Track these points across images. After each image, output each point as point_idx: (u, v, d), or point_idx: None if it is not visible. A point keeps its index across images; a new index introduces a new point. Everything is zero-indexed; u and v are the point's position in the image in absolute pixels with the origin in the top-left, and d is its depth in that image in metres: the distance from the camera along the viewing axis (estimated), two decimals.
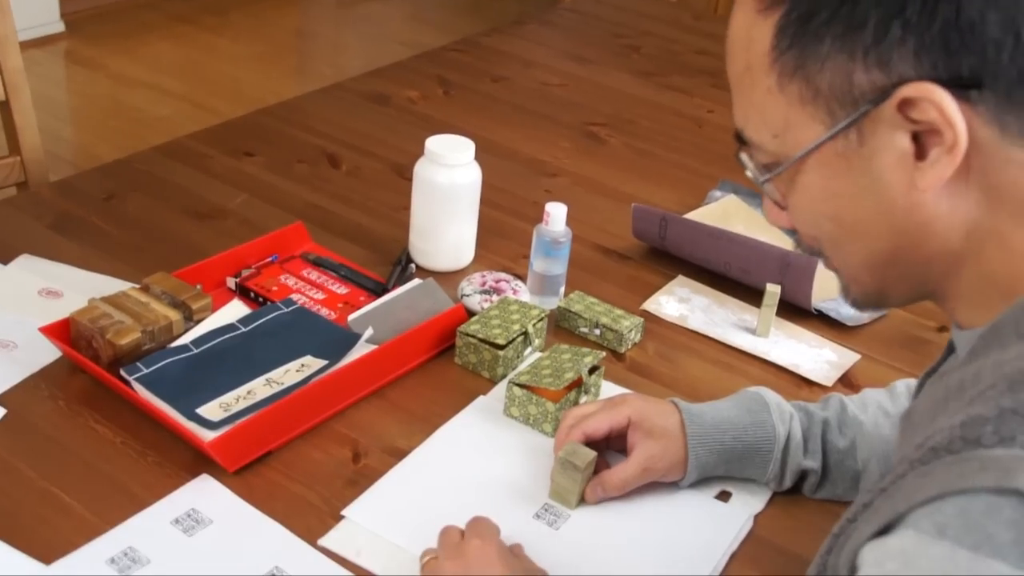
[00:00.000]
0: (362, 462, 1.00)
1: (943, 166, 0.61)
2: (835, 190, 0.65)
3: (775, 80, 0.64)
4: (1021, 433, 0.54)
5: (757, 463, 0.98)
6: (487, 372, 1.13)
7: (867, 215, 0.65)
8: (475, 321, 1.15)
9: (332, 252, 1.32)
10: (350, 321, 1.14)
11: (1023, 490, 0.51)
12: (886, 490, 0.59)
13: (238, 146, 1.60)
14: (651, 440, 0.96)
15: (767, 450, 0.98)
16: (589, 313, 1.23)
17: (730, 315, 1.30)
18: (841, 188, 0.65)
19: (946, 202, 0.63)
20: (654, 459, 0.95)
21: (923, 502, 0.54)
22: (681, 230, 1.38)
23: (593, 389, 1.10)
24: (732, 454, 0.97)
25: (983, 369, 0.61)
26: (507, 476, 0.99)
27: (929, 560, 0.52)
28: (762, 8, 0.64)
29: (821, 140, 0.64)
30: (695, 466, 0.97)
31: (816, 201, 0.67)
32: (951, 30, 0.59)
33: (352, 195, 1.50)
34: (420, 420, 1.06)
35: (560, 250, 1.25)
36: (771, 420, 0.98)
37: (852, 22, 0.61)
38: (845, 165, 0.64)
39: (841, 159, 0.64)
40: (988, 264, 0.64)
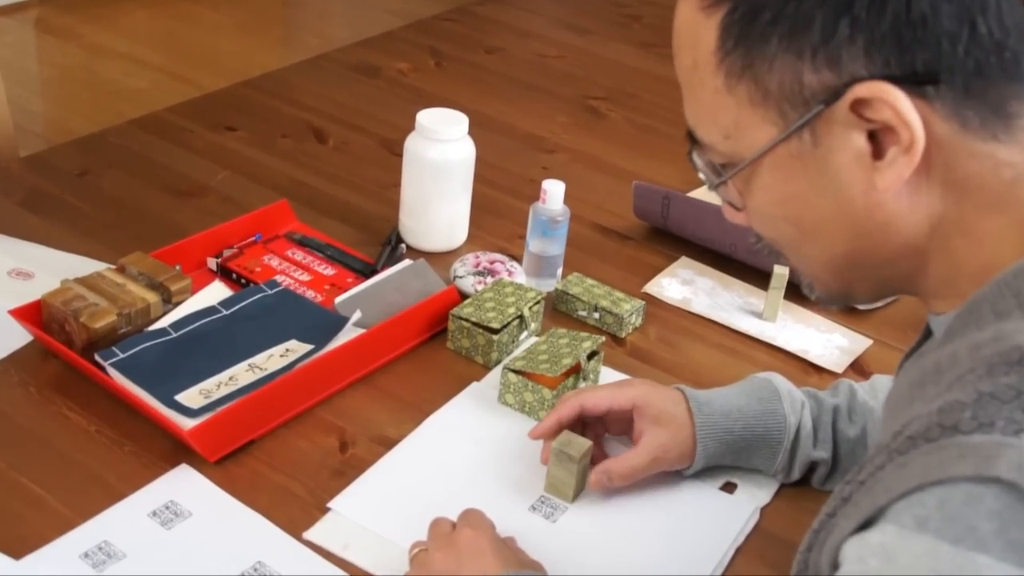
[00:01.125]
0: (349, 452, 1.00)
1: (901, 166, 0.61)
2: (791, 192, 0.65)
3: (723, 81, 0.64)
4: (1000, 418, 0.53)
5: (765, 454, 0.98)
6: (481, 357, 1.13)
7: (825, 217, 0.65)
8: (468, 304, 1.15)
9: (318, 231, 1.31)
10: (337, 304, 1.13)
11: (1004, 478, 0.51)
12: (864, 483, 0.59)
13: (219, 120, 1.60)
14: (659, 427, 0.95)
15: (777, 441, 0.97)
16: (588, 296, 1.22)
17: (736, 298, 1.29)
18: (797, 190, 0.65)
19: (907, 200, 0.63)
20: (664, 448, 0.95)
21: (902, 494, 0.54)
22: (685, 209, 1.37)
23: (592, 375, 1.10)
24: (740, 444, 0.97)
25: (959, 350, 0.61)
26: (502, 467, 0.99)
27: (911, 555, 0.52)
28: (704, 6, 0.64)
29: (774, 142, 0.63)
30: (702, 456, 0.96)
31: (772, 204, 0.67)
32: (902, 25, 0.59)
33: (339, 172, 1.50)
34: (410, 408, 1.06)
35: (557, 230, 1.24)
36: (782, 410, 0.97)
37: (798, 21, 0.60)
38: (800, 166, 0.64)
39: (796, 161, 0.64)
40: (955, 255, 0.64)
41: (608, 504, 0.96)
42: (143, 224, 1.31)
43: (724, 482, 1.01)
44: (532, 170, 1.55)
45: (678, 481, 1.00)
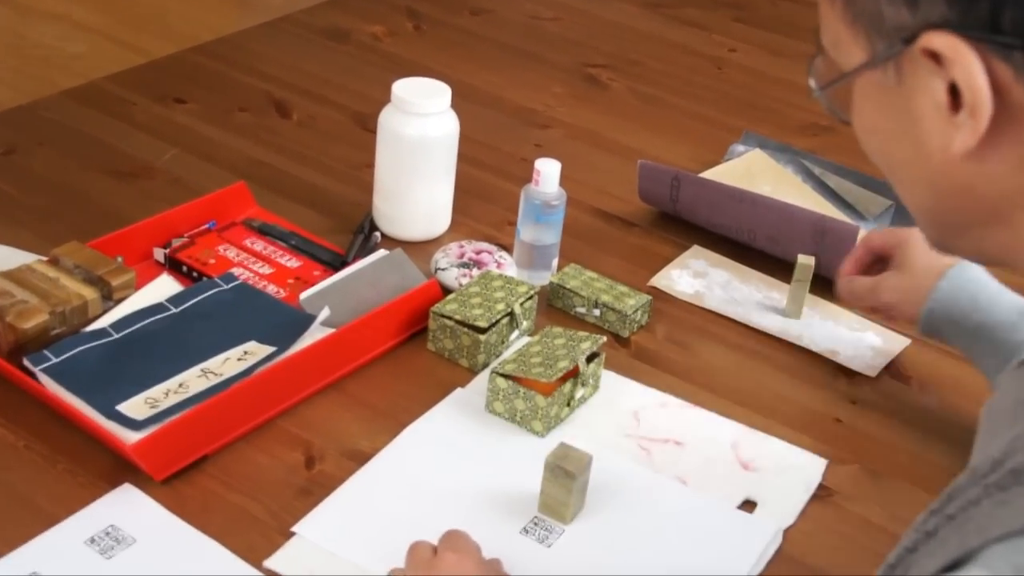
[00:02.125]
0: (316, 468, 1.00)
1: (968, 131, 0.61)
2: (878, 124, 0.66)
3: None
4: None
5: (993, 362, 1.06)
6: (466, 360, 1.13)
7: (907, 162, 0.66)
8: (452, 300, 1.15)
9: (280, 218, 1.31)
10: (302, 300, 1.13)
11: None
12: (954, 517, 0.58)
13: (167, 91, 1.59)
14: (897, 270, 1.13)
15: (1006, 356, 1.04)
16: (587, 290, 1.22)
17: (754, 292, 1.30)
18: (883, 124, 0.66)
19: (987, 167, 0.62)
20: (885, 286, 1.12)
21: (1000, 537, 0.53)
22: (697, 192, 1.37)
23: (592, 380, 1.10)
24: (971, 336, 1.08)
25: None
26: (490, 484, 0.99)
27: None
28: None
29: (860, 66, 0.65)
30: (926, 321, 1.10)
31: (866, 131, 0.68)
32: None
33: (305, 150, 1.49)
34: (386, 418, 1.06)
35: (552, 215, 1.24)
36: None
37: None
38: (886, 101, 0.64)
39: (882, 93, 0.64)
40: None
41: (610, 526, 0.96)
42: (79, 210, 1.31)
43: (743, 500, 1.01)
44: (524, 148, 1.55)
45: (691, 498, 1.00)
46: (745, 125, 1.64)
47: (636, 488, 1.01)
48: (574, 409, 1.09)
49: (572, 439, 1.00)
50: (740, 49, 1.93)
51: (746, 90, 1.81)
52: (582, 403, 1.10)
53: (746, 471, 1.04)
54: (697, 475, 1.03)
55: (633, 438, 1.07)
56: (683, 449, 1.06)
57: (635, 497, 1.00)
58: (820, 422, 1.12)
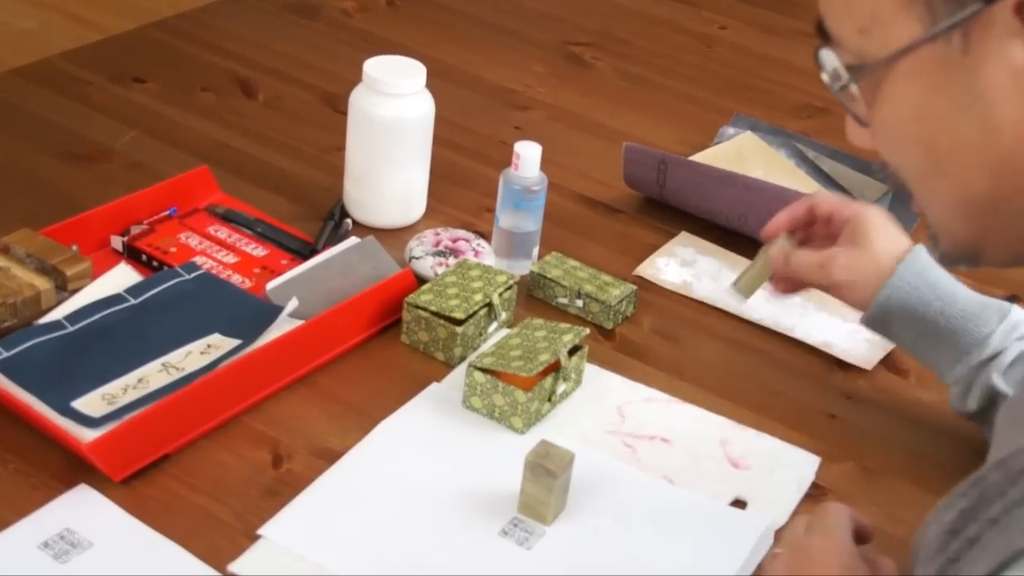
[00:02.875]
0: (284, 467, 0.99)
1: None
2: (928, 108, 0.64)
3: None
4: None
5: (948, 355, 1.03)
6: (442, 354, 1.13)
7: (965, 144, 0.63)
8: (427, 290, 1.15)
9: (246, 204, 1.31)
10: (269, 290, 1.13)
11: None
12: (998, 521, 0.58)
13: (125, 69, 1.58)
14: (850, 246, 1.06)
15: (964, 350, 1.02)
16: (569, 280, 1.22)
17: None
18: (936, 107, 0.63)
19: None
20: (836, 263, 1.05)
21: None
22: (685, 176, 1.38)
23: (574, 374, 1.10)
24: (927, 325, 1.03)
25: None
26: (467, 484, 0.99)
27: None
28: None
29: (916, 41, 0.62)
30: (880, 305, 1.04)
31: (904, 121, 0.65)
32: None
33: (271, 132, 1.49)
34: (357, 414, 1.06)
35: (533, 201, 1.24)
36: (994, 326, 1.02)
37: None
38: (943, 77, 0.62)
39: (939, 68, 0.62)
40: None
41: (593, 527, 0.96)
42: (31, 195, 1.30)
43: (733, 499, 1.01)
44: (503, 130, 1.54)
45: (678, 498, 1.00)
46: (736, 106, 1.65)
47: (620, 487, 1.01)
48: (555, 405, 1.09)
49: (553, 436, 1.01)
50: (731, 26, 1.94)
51: (737, 69, 1.81)
52: (564, 398, 1.10)
53: (736, 469, 1.05)
54: (685, 473, 1.03)
55: (617, 435, 1.07)
56: (670, 446, 1.06)
57: (619, 497, 1.00)
58: (813, 418, 1.13)
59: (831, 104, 1.72)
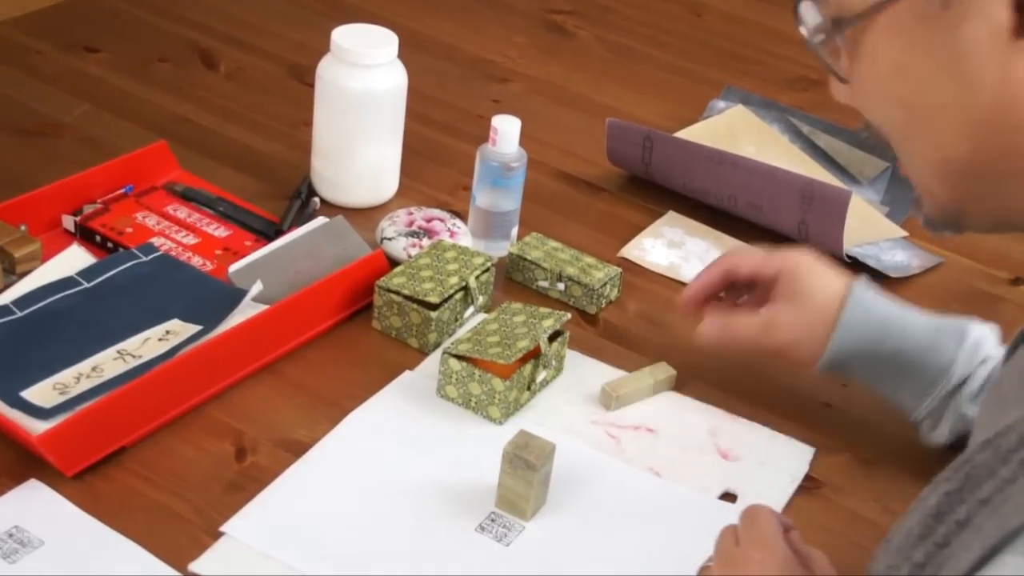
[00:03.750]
0: (248, 460, 1.00)
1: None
2: (907, 66, 0.65)
3: None
4: None
5: (912, 390, 1.03)
6: (415, 340, 1.13)
7: (943, 103, 0.64)
8: (399, 273, 1.15)
9: (207, 182, 1.31)
10: (231, 273, 1.13)
11: None
12: (989, 501, 0.58)
13: (77, 38, 1.58)
14: (790, 304, 1.04)
15: (929, 383, 1.02)
16: (550, 262, 1.23)
17: None
18: (915, 64, 0.64)
19: None
20: (779, 323, 1.04)
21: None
22: (672, 153, 1.38)
23: (555, 361, 1.11)
24: (886, 364, 1.03)
25: None
26: (441, 477, 0.99)
27: None
28: None
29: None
30: (832, 359, 1.03)
31: (882, 78, 0.67)
32: None
33: (234, 106, 1.49)
34: (326, 404, 1.06)
35: (512, 179, 1.25)
36: (953, 354, 1.01)
37: None
38: (923, 32, 0.63)
39: (918, 24, 0.63)
40: None
41: (575, 522, 0.97)
42: None
43: (722, 492, 1.02)
44: (480, 104, 1.54)
45: (664, 491, 1.01)
46: (726, 79, 1.65)
47: (604, 480, 1.01)
48: (535, 393, 1.09)
49: (533, 426, 1.01)
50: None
51: (728, 39, 1.81)
52: (544, 387, 1.10)
53: (725, 461, 1.05)
54: (671, 465, 1.04)
55: (601, 425, 1.08)
56: (656, 437, 1.07)
57: (603, 490, 1.00)
58: (807, 407, 1.14)
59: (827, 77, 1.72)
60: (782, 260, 1.07)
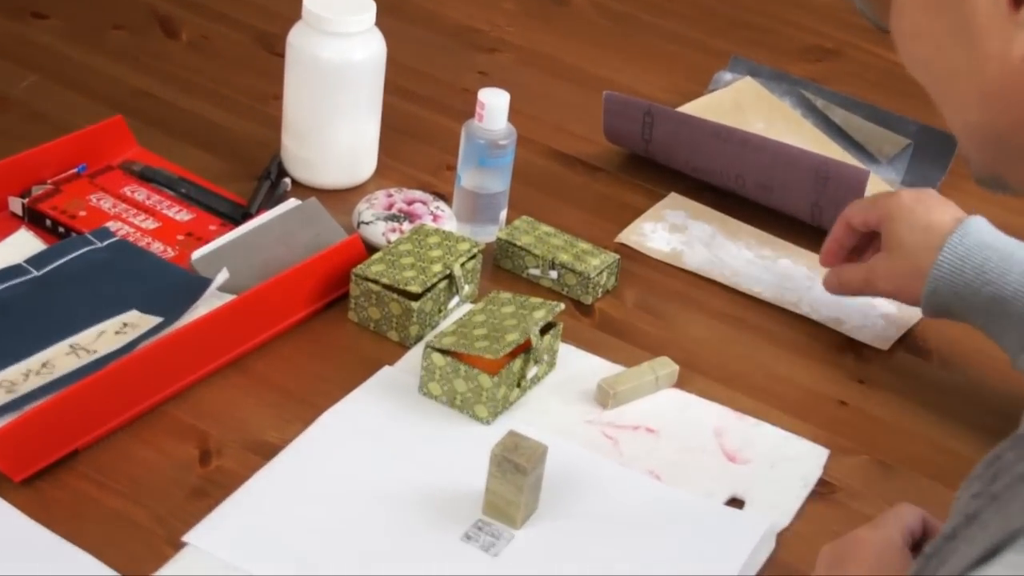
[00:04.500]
0: (213, 464, 1.00)
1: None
2: (926, 28, 0.67)
3: None
4: None
5: (1014, 338, 1.07)
6: (395, 333, 1.13)
7: (956, 70, 0.66)
8: (378, 260, 1.15)
9: (167, 161, 1.31)
10: (194, 260, 1.13)
11: None
12: (999, 496, 0.59)
13: (23, 2, 1.57)
14: (885, 252, 1.13)
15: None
16: (542, 248, 1.23)
17: (744, 250, 1.31)
18: (932, 27, 0.67)
19: None
20: (876, 273, 1.14)
21: None
22: (674, 129, 1.38)
23: (547, 356, 1.11)
24: (985, 314, 1.09)
25: None
26: (424, 482, 1.00)
27: None
28: None
29: None
30: (929, 307, 1.12)
31: (907, 36, 0.69)
32: None
33: (197, 78, 1.48)
34: (298, 403, 1.06)
35: (500, 158, 1.25)
36: None
37: None
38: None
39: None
40: None
41: (568, 530, 0.97)
42: None
43: (729, 497, 1.02)
44: (465, 76, 1.54)
45: (665, 496, 1.01)
46: (733, 49, 1.65)
47: (600, 484, 1.02)
48: (526, 391, 1.09)
49: (523, 427, 1.01)
50: None
51: (735, 5, 1.81)
52: (535, 384, 1.11)
53: (733, 464, 1.06)
54: (674, 469, 1.04)
55: (597, 425, 1.08)
56: (657, 438, 1.07)
57: (599, 495, 1.01)
58: (821, 405, 1.14)
59: (843, 45, 1.73)
60: (884, 205, 1.14)
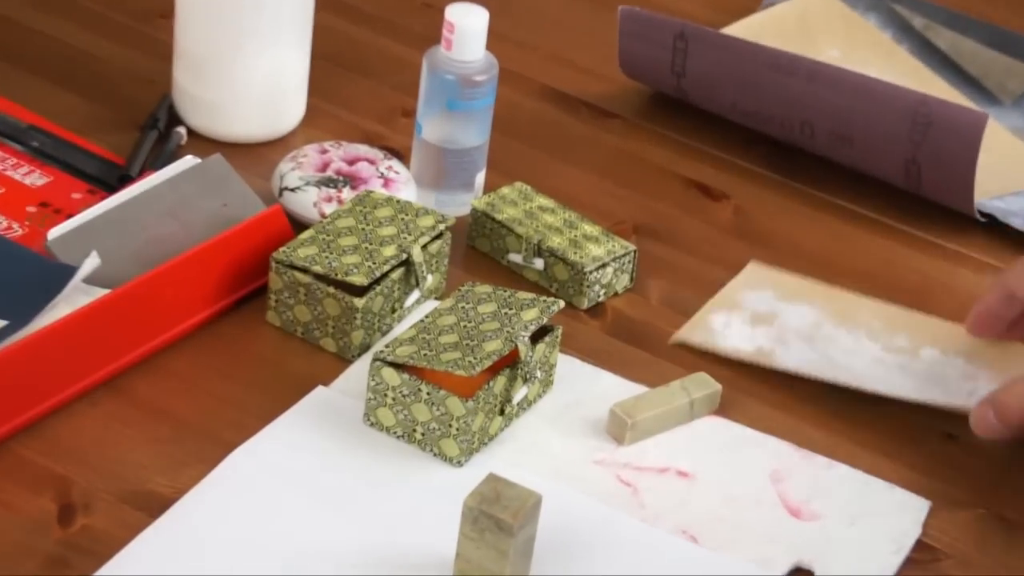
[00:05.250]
0: (78, 523, 0.99)
1: None
2: None
3: None
4: None
5: None
6: (331, 341, 1.14)
7: None
8: (308, 240, 1.15)
9: (13, 103, 1.31)
10: (51, 241, 1.13)
11: None
12: None
13: None
14: None
15: None
16: (528, 226, 1.24)
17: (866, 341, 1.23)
18: None
19: None
20: None
21: None
22: (716, 59, 1.39)
23: (541, 372, 1.11)
24: None
25: None
26: (371, 546, 0.99)
27: None
28: None
29: None
30: None
31: None
32: None
33: None
34: (197, 437, 1.06)
35: (476, 100, 1.25)
36: None
37: None
38: None
39: None
40: None
41: None
42: None
43: (791, 568, 1.02)
44: None
45: (703, 564, 1.01)
46: None
47: (615, 548, 1.01)
48: (511, 420, 1.10)
49: (509, 470, 1.01)
50: None
51: None
52: (525, 410, 1.11)
53: (797, 520, 1.06)
54: (715, 526, 1.04)
55: (610, 466, 1.08)
56: (692, 484, 1.08)
57: (613, 563, 1.00)
58: (919, 439, 1.14)
59: None
60: None
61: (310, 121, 1.36)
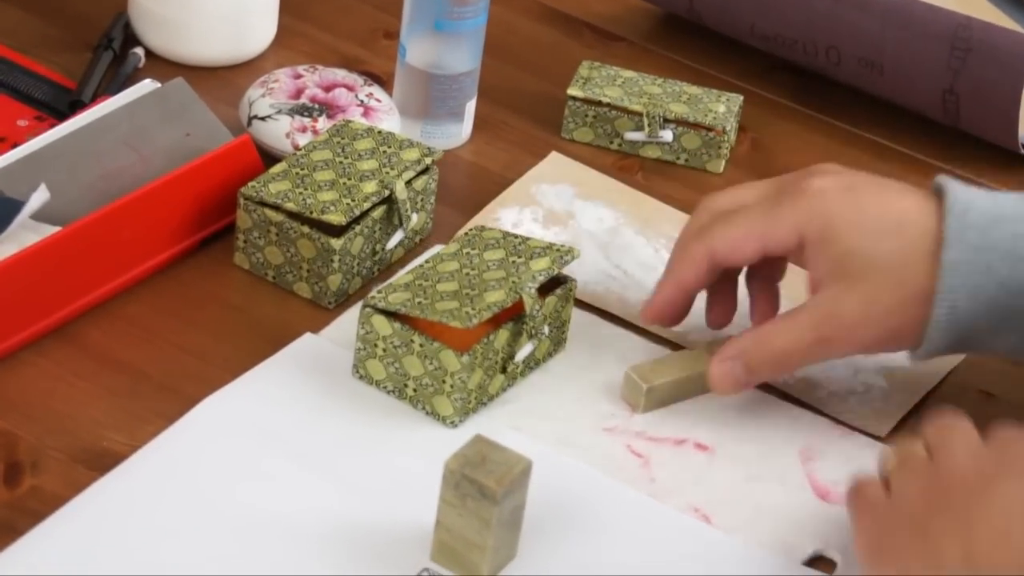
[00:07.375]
0: (26, 483, 0.99)
1: None
2: None
3: None
4: None
5: None
6: (305, 286, 1.14)
7: None
8: (280, 175, 1.15)
9: None
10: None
11: None
12: None
13: None
14: (845, 283, 1.05)
15: None
16: (640, 101, 1.28)
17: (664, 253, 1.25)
18: None
19: None
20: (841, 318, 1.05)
21: None
22: None
23: (550, 328, 1.11)
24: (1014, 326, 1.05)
25: None
26: (351, 513, 1.00)
27: None
28: None
29: None
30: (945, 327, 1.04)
31: None
32: None
33: None
34: (156, 390, 1.07)
35: (467, 19, 1.25)
36: None
37: None
38: None
39: None
40: None
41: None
42: None
43: (812, 554, 1.02)
44: None
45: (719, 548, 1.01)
46: None
47: (617, 525, 1.02)
48: (515, 379, 1.10)
49: (508, 435, 1.02)
50: None
51: None
52: (530, 369, 1.11)
53: (824, 502, 1.06)
54: (731, 507, 1.04)
55: (620, 435, 1.08)
56: (711, 459, 1.08)
57: (613, 542, 1.01)
58: (959, 400, 1.14)
59: None
60: (794, 220, 1.07)
61: (282, 42, 1.36)
